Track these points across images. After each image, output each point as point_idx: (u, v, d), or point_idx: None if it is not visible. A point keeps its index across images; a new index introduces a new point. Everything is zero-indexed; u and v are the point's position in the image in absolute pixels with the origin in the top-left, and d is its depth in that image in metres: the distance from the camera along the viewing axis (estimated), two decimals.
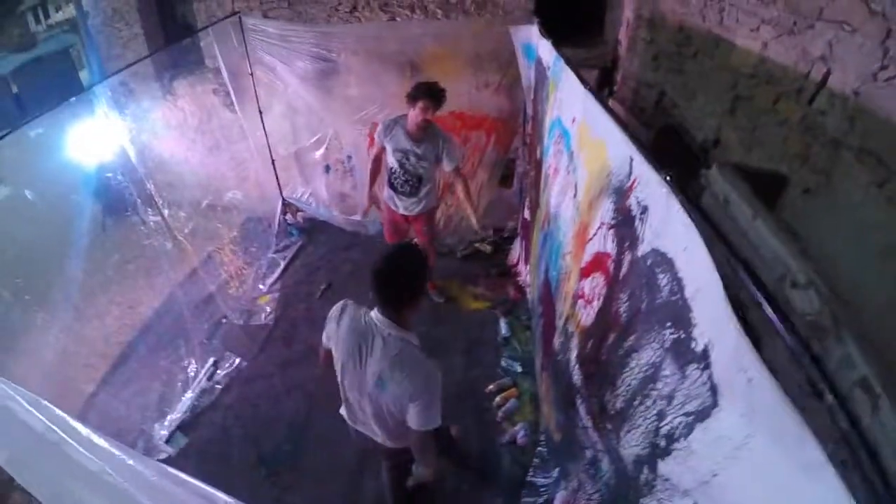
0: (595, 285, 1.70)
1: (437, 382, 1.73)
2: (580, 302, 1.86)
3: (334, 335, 1.84)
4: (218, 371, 3.73)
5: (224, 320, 4.07)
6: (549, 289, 2.46)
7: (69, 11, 8.60)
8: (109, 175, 3.16)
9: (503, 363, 3.53)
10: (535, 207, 3.24)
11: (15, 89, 9.57)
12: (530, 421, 3.09)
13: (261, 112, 4.35)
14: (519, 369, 3.45)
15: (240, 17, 3.91)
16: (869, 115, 1.68)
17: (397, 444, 1.99)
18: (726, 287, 0.94)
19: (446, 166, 3.33)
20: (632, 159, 1.45)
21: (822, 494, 0.66)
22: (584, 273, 1.81)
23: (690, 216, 1.10)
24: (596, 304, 1.68)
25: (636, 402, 1.25)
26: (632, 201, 1.42)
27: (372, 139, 4.04)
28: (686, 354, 1.07)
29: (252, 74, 4.17)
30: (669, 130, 3.17)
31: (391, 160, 3.38)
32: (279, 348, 3.86)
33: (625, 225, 1.46)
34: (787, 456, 0.74)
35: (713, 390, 0.95)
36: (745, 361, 0.84)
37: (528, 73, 3.39)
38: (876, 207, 1.66)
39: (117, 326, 4.19)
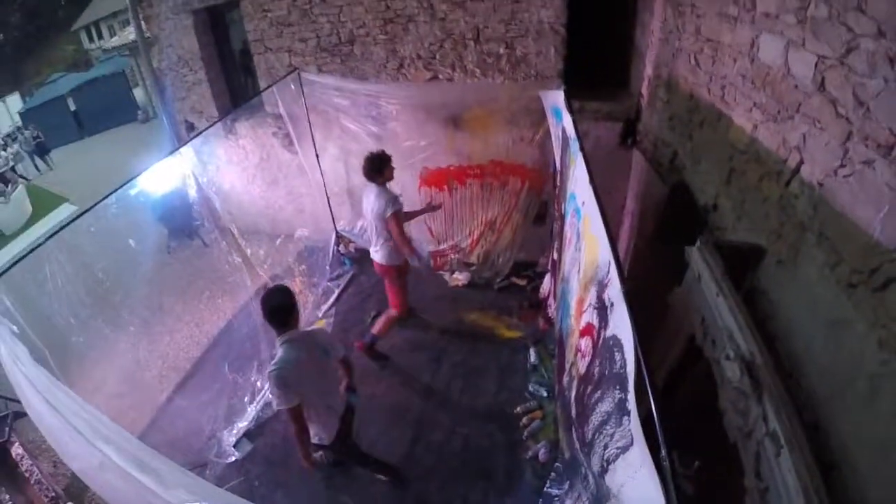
0: (587, 345, 2.49)
1: None
2: (578, 355, 2.65)
3: (297, 380, 2.75)
4: None
5: None
6: (562, 337, 3.26)
7: (124, 36, 9.80)
8: (197, 223, 4.11)
9: (531, 388, 4.28)
10: (561, 252, 3.96)
11: (73, 107, 11.01)
12: (552, 440, 3.78)
13: (317, 155, 5.25)
14: (544, 394, 4.19)
15: (298, 74, 4.81)
16: (827, 205, 2.03)
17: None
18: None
19: None
20: (610, 263, 2.21)
21: None
22: (581, 334, 2.60)
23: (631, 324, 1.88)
24: (586, 360, 2.47)
25: (597, 437, 2.06)
26: (606, 295, 2.20)
27: (421, 181, 4.98)
28: (624, 410, 1.85)
29: (309, 122, 5.07)
30: (684, 187, 3.75)
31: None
32: None
33: (602, 310, 2.24)
34: (651, 482, 1.50)
35: (632, 436, 1.74)
36: (637, 426, 1.63)
37: (556, 132, 4.13)
38: (827, 286, 2.02)
39: (188, 343, 5.21)
